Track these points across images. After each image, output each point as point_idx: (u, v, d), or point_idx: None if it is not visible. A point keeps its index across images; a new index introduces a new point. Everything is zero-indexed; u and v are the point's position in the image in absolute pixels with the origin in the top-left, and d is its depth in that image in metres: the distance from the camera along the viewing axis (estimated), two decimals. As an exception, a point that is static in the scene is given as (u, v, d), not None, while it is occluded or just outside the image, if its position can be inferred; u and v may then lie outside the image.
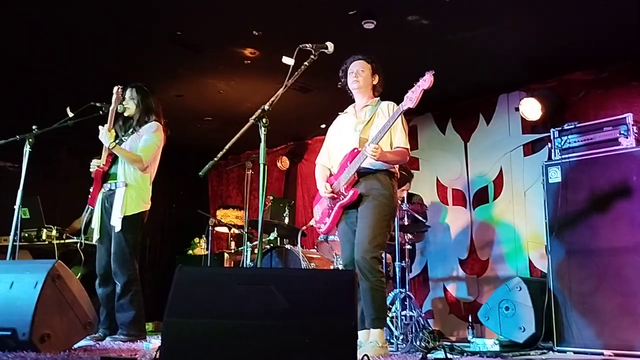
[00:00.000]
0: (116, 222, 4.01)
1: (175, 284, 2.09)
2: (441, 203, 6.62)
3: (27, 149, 4.14)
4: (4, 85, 6.08)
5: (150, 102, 4.38)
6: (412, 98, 3.43)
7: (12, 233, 4.03)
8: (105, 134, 4.12)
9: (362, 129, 3.76)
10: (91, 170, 4.26)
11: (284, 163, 8.06)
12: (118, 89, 4.22)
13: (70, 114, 4.27)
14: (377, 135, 3.55)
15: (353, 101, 3.96)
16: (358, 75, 3.82)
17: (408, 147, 3.76)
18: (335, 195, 3.76)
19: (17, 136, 4.18)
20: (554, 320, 4.25)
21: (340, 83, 3.95)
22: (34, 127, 4.23)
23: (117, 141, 4.21)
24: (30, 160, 4.12)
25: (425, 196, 6.46)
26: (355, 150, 3.67)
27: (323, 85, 5.82)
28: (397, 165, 3.83)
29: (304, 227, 5.56)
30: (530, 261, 5.81)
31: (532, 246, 5.81)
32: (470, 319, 5.44)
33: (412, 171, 6.55)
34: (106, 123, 4.17)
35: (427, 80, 3.40)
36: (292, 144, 8.20)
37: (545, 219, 4.47)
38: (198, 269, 3.71)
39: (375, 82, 3.87)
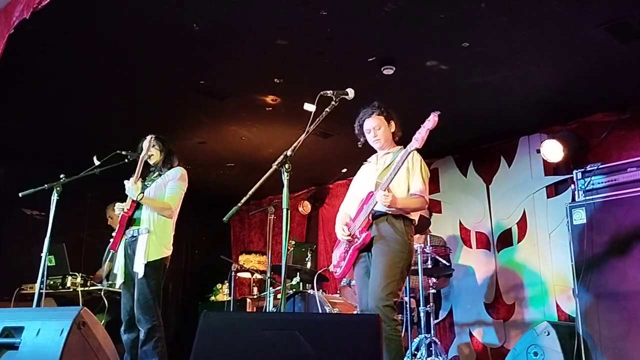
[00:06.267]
0: (139, 269, 4.03)
1: (201, 329, 2.10)
2: (465, 246, 6.56)
3: (54, 197, 4.22)
4: (32, 133, 6.25)
5: (172, 149, 4.48)
6: (418, 139, 3.46)
7: (38, 281, 4.08)
8: (131, 188, 4.17)
9: (380, 174, 3.76)
10: (116, 214, 4.31)
11: (305, 208, 8.09)
12: (151, 138, 4.30)
13: (97, 162, 4.37)
14: (386, 179, 3.55)
15: (375, 150, 3.98)
16: (376, 133, 3.82)
17: (425, 195, 3.67)
18: (351, 239, 3.75)
19: (46, 185, 4.27)
20: (585, 365, 4.14)
21: (359, 142, 3.93)
22: (61, 175, 4.32)
23: (142, 190, 4.26)
24: (56, 208, 4.20)
25: (448, 239, 6.41)
26: (370, 194, 3.66)
27: (343, 130, 5.87)
28: (417, 212, 3.77)
29: (321, 271, 5.53)
30: (557, 304, 5.70)
31: (559, 289, 5.71)
32: (497, 365, 5.32)
33: (435, 214, 6.55)
34: (131, 176, 4.22)
35: (431, 121, 3.44)
36: (314, 189, 8.23)
37: (571, 261, 4.41)
38: (223, 315, 3.70)
39: (393, 130, 3.88)
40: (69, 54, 4.71)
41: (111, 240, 4.29)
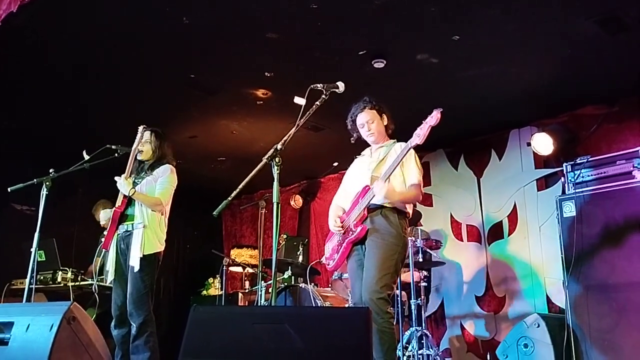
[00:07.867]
0: (135, 262, 4.01)
1: (190, 324, 2.10)
2: (456, 239, 6.58)
3: (44, 192, 4.20)
4: (20, 129, 6.21)
5: (165, 147, 4.43)
6: (419, 135, 3.46)
7: (28, 276, 4.06)
8: (123, 183, 4.14)
9: (375, 168, 3.76)
10: (102, 223, 4.29)
11: (297, 201, 8.09)
12: (143, 128, 4.26)
13: (87, 157, 4.34)
14: (386, 171, 3.55)
15: (368, 144, 3.98)
16: (370, 127, 3.83)
17: (420, 183, 3.72)
18: (345, 231, 3.76)
19: (35, 180, 4.24)
20: (574, 357, 4.17)
21: (352, 138, 3.94)
22: (50, 170, 4.29)
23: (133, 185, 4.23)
24: (46, 203, 4.17)
25: (439, 233, 6.43)
26: (366, 187, 3.67)
27: (335, 124, 5.86)
28: (411, 205, 3.81)
29: (313, 263, 5.53)
30: (547, 297, 5.73)
31: (550, 282, 5.74)
32: (488, 357, 5.34)
33: (426, 207, 6.56)
34: (123, 172, 4.19)
35: (434, 117, 3.43)
36: (305, 183, 8.23)
37: (561, 253, 4.43)
38: (212, 309, 3.69)
39: (385, 123, 3.89)
40: (56, 49, 4.67)
41: (102, 239, 4.26)
